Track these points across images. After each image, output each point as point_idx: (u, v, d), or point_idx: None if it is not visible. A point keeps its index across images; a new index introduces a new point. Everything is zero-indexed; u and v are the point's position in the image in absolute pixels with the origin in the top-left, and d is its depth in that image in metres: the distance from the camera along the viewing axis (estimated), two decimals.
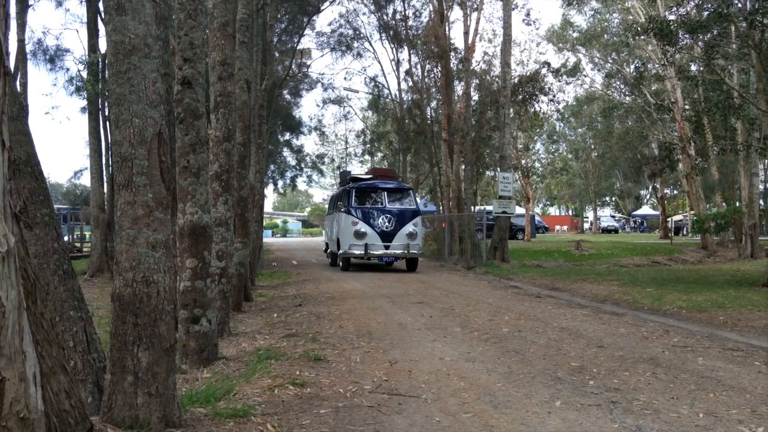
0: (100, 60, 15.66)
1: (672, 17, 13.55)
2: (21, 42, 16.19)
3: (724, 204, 26.90)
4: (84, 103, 17.78)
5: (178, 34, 5.12)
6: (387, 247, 15.00)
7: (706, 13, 12.78)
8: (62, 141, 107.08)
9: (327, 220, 20.63)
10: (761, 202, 26.67)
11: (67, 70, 19.58)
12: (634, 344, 5.73)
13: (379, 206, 15.48)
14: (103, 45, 15.81)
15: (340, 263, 15.86)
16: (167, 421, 3.09)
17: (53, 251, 3.26)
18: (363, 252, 14.86)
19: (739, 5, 11.82)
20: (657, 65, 23.63)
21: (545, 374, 4.54)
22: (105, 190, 16.21)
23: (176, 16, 5.17)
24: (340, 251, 15.46)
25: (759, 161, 21.48)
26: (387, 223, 15.05)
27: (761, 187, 28.96)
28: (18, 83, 15.66)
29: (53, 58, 19.02)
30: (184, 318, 5.04)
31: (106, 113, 16.07)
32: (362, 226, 14.96)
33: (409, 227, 15.30)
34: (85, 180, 32.20)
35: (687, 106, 22.54)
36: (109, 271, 14.28)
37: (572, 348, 5.55)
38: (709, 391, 4.02)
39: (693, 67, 19.32)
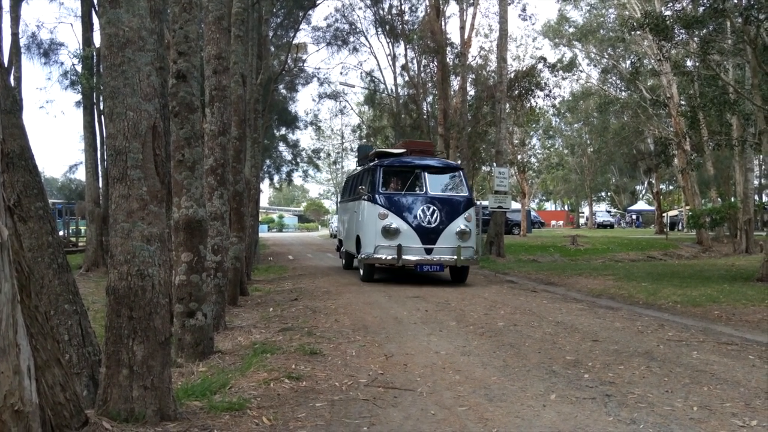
0: (94, 54, 15.58)
1: (668, 12, 13.55)
2: (15, 36, 16.10)
3: (719, 199, 26.95)
4: (79, 97, 17.75)
5: (172, 28, 5.09)
6: (429, 251, 10.53)
7: (701, 8, 12.77)
8: (57, 135, 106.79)
9: (341, 210, 15.94)
10: (756, 197, 26.78)
11: (62, 64, 19.57)
12: (629, 338, 5.75)
13: (418, 193, 10.99)
14: (97, 39, 15.73)
15: (361, 270, 11.49)
16: (162, 415, 3.09)
17: (48, 245, 3.25)
18: (394, 257, 10.44)
19: (735, 1, 11.83)
20: (653, 60, 23.67)
21: (540, 368, 4.56)
22: (100, 185, 16.15)
23: (171, 9, 5.15)
24: (362, 255, 11.02)
25: (754, 157, 21.54)
26: (429, 217, 10.62)
27: (756, 182, 29.05)
28: (12, 77, 15.58)
29: (47, 51, 18.95)
30: (179, 312, 5.04)
31: (101, 107, 15.99)
32: (393, 221, 10.58)
33: (459, 222, 10.76)
34: (80, 174, 32.07)
35: (683, 102, 22.60)
36: (104, 266, 14.24)
37: (567, 342, 5.56)
38: (703, 385, 4.04)
39: (689, 63, 19.38)
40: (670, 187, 48.39)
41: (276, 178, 34.04)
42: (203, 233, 5.25)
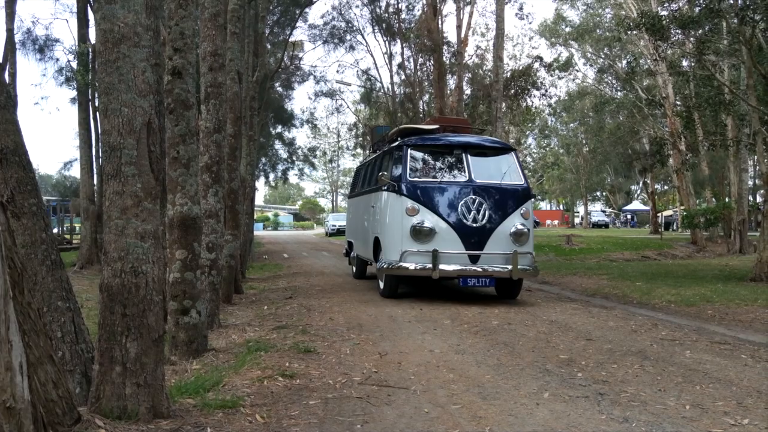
0: (90, 50, 15.53)
1: (664, 12, 13.58)
2: (10, 32, 16.02)
3: (713, 199, 27.07)
4: (74, 93, 17.71)
5: (168, 24, 5.08)
6: (474, 259, 7.93)
7: (697, 8, 12.81)
8: (52, 132, 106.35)
9: (351, 207, 12.83)
10: (750, 198, 26.88)
11: (57, 60, 19.45)
12: (623, 337, 5.77)
13: (459, 181, 8.36)
14: (93, 35, 15.69)
15: (380, 282, 8.89)
16: (156, 412, 3.09)
17: (41, 241, 3.24)
18: (427, 266, 7.84)
19: (731, 1, 11.87)
20: (649, 60, 23.72)
21: (534, 366, 4.57)
22: (95, 182, 16.12)
23: (167, 5, 5.13)
24: (383, 263, 8.33)
25: (748, 157, 21.61)
26: (475, 213, 8.04)
27: (750, 183, 29.16)
28: (7, 73, 15.53)
29: (43, 48, 18.87)
30: (173, 309, 5.03)
31: (96, 104, 15.95)
32: (426, 218, 8.02)
33: (515, 220, 8.20)
34: (75, 171, 32.02)
35: (678, 102, 22.65)
36: (98, 263, 14.20)
37: (561, 341, 5.57)
38: (696, 384, 4.06)
39: (684, 63, 19.41)
40: (665, 187, 48.55)
41: (272, 176, 34.04)
42: (198, 231, 5.25)
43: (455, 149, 8.68)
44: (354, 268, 12.18)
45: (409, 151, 8.62)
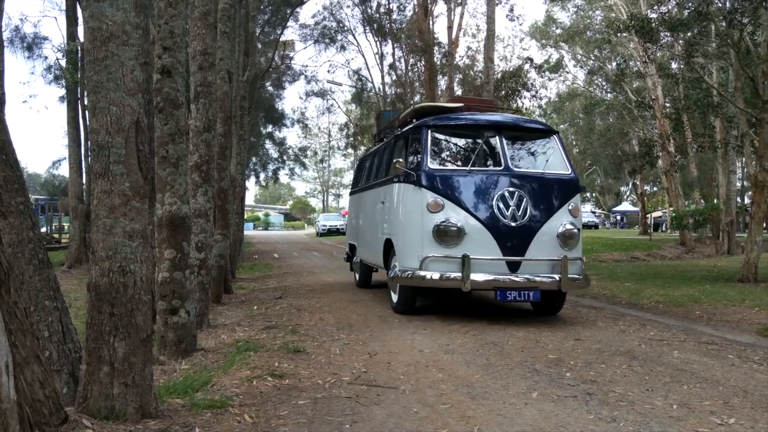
0: (79, 48, 15.44)
1: (653, 15, 13.67)
2: None
3: (702, 201, 27.26)
4: (63, 92, 17.61)
5: (158, 23, 5.06)
6: (514, 267, 6.46)
7: (686, 11, 12.91)
8: (40, 131, 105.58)
9: (353, 204, 10.93)
10: (738, 199, 27.09)
11: (46, 58, 19.34)
12: (611, 337, 5.80)
13: (492, 169, 6.84)
14: (82, 33, 15.59)
15: (393, 294, 7.38)
16: (144, 412, 3.07)
17: (28, 240, 3.22)
18: (455, 276, 6.34)
19: (719, 4, 11.95)
20: (638, 63, 23.85)
21: (523, 366, 4.58)
22: (84, 181, 16.03)
23: (156, 4, 5.11)
24: (398, 271, 6.80)
25: (736, 159, 21.79)
26: (514, 209, 6.52)
27: (738, 184, 29.40)
28: None
29: (31, 45, 18.77)
30: (162, 309, 5.01)
31: (85, 102, 15.86)
32: (454, 215, 6.53)
33: (562, 218, 6.73)
34: (64, 170, 31.82)
35: (667, 104, 22.80)
36: (87, 262, 14.10)
37: (550, 341, 5.60)
38: (683, 384, 4.08)
39: (673, 65, 19.53)
40: (654, 189, 48.86)
41: (262, 175, 34.01)
42: (187, 230, 5.23)
43: (486, 130, 7.05)
44: (356, 276, 10.46)
45: (429, 133, 7.01)
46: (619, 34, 17.28)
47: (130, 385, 3.04)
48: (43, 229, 25.93)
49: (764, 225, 11.99)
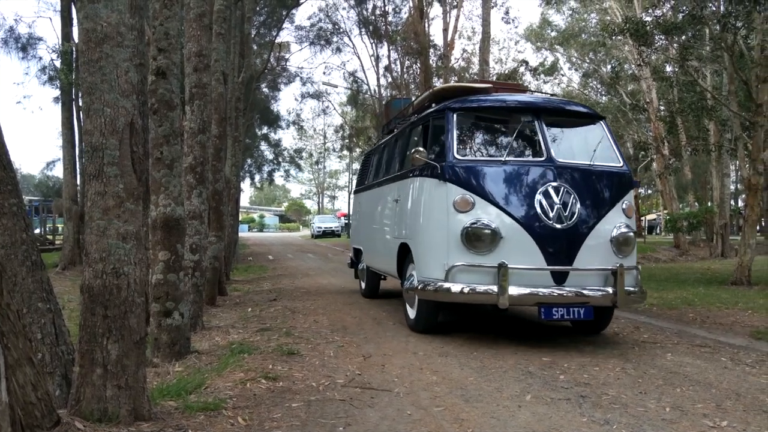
0: (74, 49, 15.40)
1: (648, 18, 13.72)
2: None
3: (696, 204, 27.36)
4: (57, 93, 17.54)
5: (153, 24, 5.06)
6: (561, 278, 5.30)
7: (681, 15, 12.97)
8: (35, 131, 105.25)
9: (358, 202, 9.91)
10: (732, 202, 27.21)
11: (40, 59, 19.35)
12: (605, 340, 5.81)
13: (532, 160, 5.78)
14: (77, 34, 15.55)
15: (410, 309, 6.36)
16: (137, 414, 3.07)
17: (21, 242, 3.20)
18: (489, 289, 5.20)
19: (713, 8, 12.02)
20: (633, 66, 23.92)
21: (517, 369, 4.59)
22: (78, 182, 15.97)
23: (152, 5, 5.11)
24: (417, 281, 5.79)
25: (730, 162, 21.88)
26: (559, 208, 5.37)
27: (732, 187, 29.53)
28: None
29: (25, 46, 18.71)
30: (156, 311, 5.00)
31: (80, 104, 15.82)
32: (486, 215, 5.42)
33: (616, 219, 5.63)
34: (58, 171, 31.73)
35: (662, 107, 22.88)
36: (81, 264, 14.05)
37: (544, 343, 5.60)
38: (676, 386, 4.10)
39: (668, 68, 19.62)
40: (649, 191, 48.99)
41: (257, 177, 33.97)
42: (181, 232, 5.22)
43: (523, 114, 6.04)
44: (362, 284, 9.35)
45: (455, 117, 5.93)
46: (613, 37, 17.34)
47: (123, 387, 3.03)
48: (37, 231, 25.85)
49: (757, 228, 12.05)
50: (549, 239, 5.30)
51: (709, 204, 23.02)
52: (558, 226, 5.31)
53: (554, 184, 5.44)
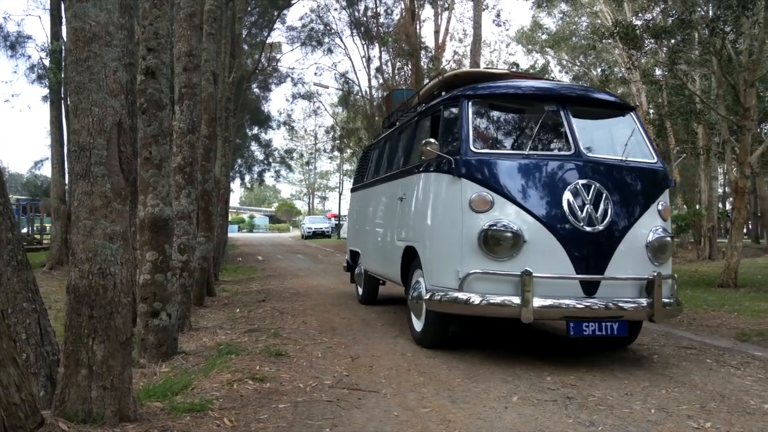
0: (63, 48, 15.31)
1: (638, 22, 13.81)
2: None
3: (684, 206, 27.54)
4: (46, 91, 17.42)
5: (143, 24, 5.04)
6: (591, 289, 4.65)
7: (670, 19, 13.06)
8: (23, 130, 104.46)
9: (356, 201, 9.24)
10: (720, 205, 27.42)
11: (29, 57, 19.17)
12: (593, 342, 5.84)
13: (558, 154, 5.08)
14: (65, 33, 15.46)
15: (416, 320, 5.61)
16: (122, 415, 3.05)
17: (7, 241, 3.18)
18: (512, 300, 4.54)
19: (702, 12, 12.11)
20: (623, 69, 24.08)
21: (504, 370, 4.60)
22: (66, 182, 15.87)
23: (141, 5, 5.09)
24: (426, 290, 5.12)
25: (718, 165, 22.05)
26: (589, 209, 4.70)
27: (720, 190, 29.75)
28: None
29: (14, 44, 18.56)
30: (143, 312, 4.97)
31: (68, 102, 15.73)
32: (507, 215, 4.73)
33: (652, 221, 4.98)
34: (46, 170, 31.49)
35: (651, 110, 23.03)
36: (68, 264, 13.97)
37: (532, 345, 5.63)
38: (661, 388, 4.13)
39: (657, 72, 19.75)
40: None
41: (247, 177, 33.85)
42: (169, 232, 5.20)
43: (547, 102, 5.28)
44: (359, 289, 8.69)
45: (470, 105, 5.25)
46: (604, 41, 17.45)
47: (109, 388, 3.02)
48: (25, 230, 25.66)
49: (744, 231, 12.14)
50: (578, 244, 4.69)
51: (698, 207, 23.18)
52: (588, 229, 4.69)
53: (584, 181, 4.80)
